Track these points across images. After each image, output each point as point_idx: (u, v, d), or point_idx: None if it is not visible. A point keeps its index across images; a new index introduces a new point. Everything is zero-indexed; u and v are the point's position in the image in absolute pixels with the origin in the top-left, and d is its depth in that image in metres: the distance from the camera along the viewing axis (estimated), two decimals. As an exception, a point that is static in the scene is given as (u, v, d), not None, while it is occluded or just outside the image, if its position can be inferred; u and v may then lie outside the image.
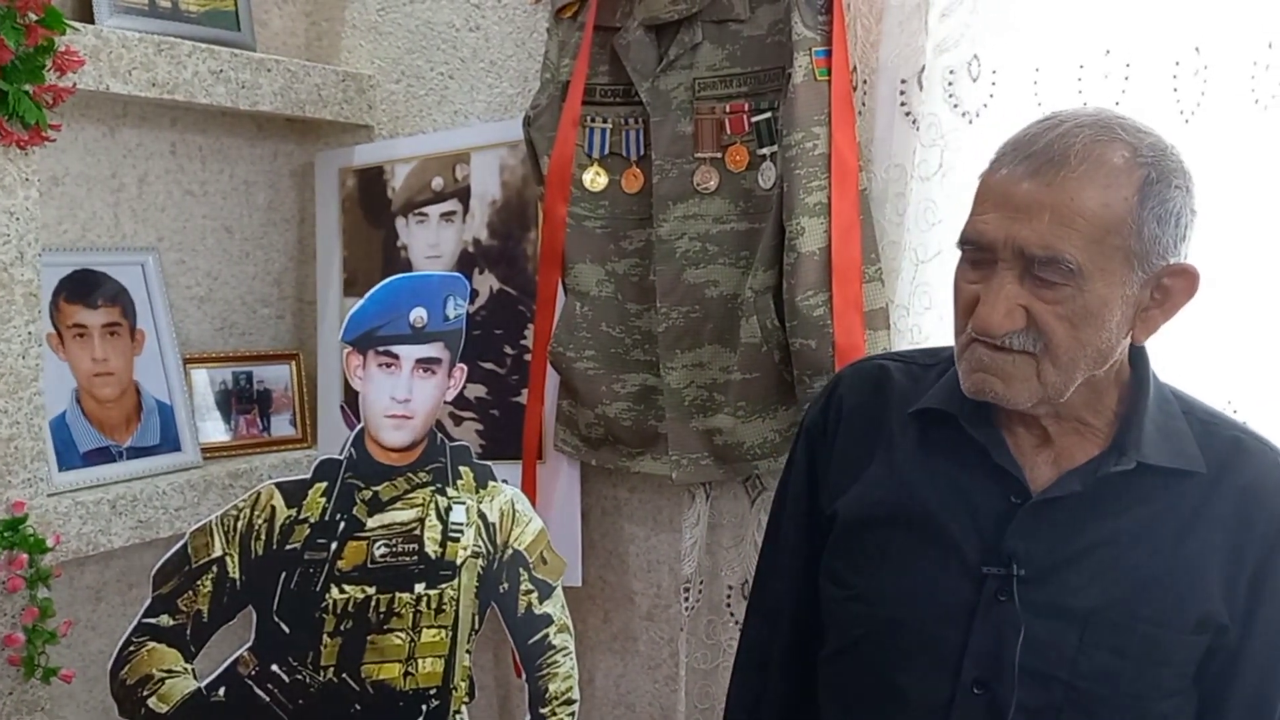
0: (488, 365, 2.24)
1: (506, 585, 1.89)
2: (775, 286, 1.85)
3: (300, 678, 1.79)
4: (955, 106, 1.75)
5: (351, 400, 2.32)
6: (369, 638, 1.81)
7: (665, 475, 2.02)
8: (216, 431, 2.32)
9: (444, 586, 1.84)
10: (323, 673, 1.80)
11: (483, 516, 1.88)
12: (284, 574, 1.78)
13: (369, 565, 1.80)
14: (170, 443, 2.19)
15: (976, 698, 1.29)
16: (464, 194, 2.26)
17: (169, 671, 1.74)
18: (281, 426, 2.42)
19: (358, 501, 1.81)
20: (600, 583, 2.27)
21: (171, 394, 2.21)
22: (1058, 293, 1.20)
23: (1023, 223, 1.19)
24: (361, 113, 2.41)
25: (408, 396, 1.81)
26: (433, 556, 1.83)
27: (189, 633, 1.75)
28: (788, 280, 1.81)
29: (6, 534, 1.80)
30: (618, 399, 2.03)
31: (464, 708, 1.88)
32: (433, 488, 1.85)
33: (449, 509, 1.85)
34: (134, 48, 1.98)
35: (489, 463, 1.91)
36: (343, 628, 1.80)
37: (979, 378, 1.26)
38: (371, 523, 1.81)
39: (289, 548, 1.78)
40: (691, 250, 1.94)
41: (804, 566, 1.48)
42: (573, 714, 1.92)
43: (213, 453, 2.28)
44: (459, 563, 1.85)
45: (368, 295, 1.80)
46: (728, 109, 1.90)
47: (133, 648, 1.73)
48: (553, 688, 1.90)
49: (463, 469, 1.87)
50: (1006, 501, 1.31)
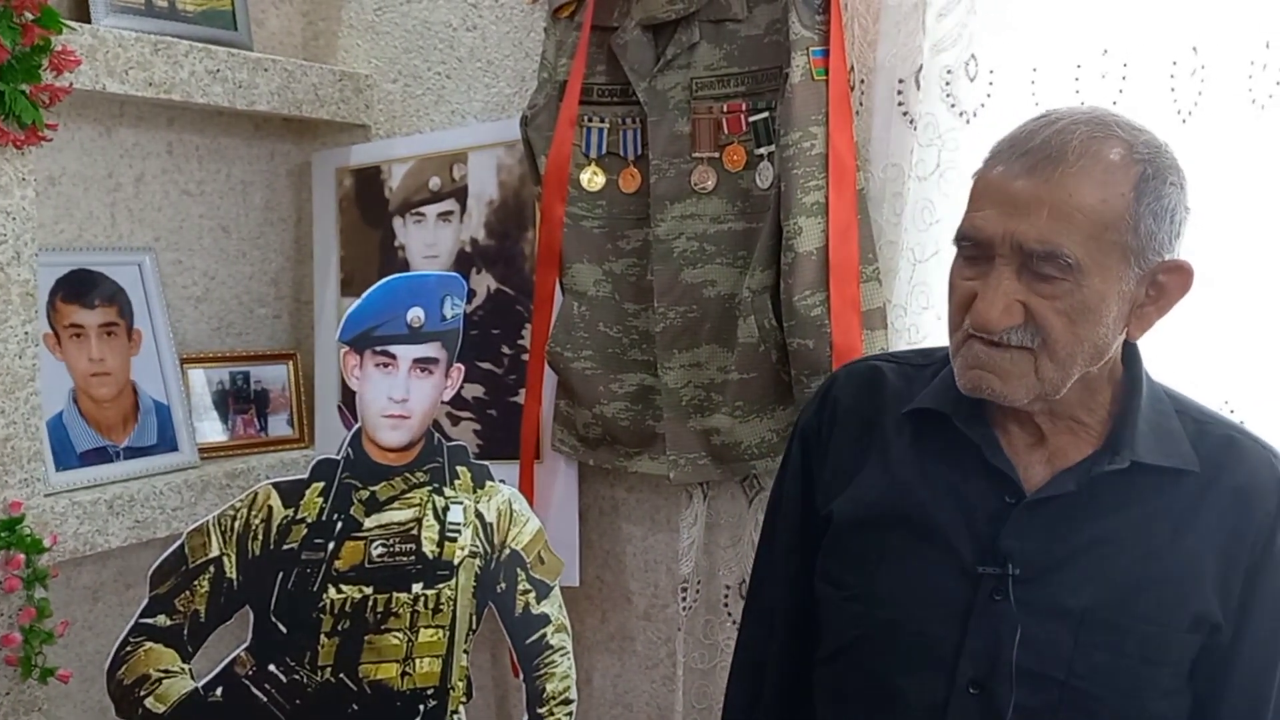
0: (485, 365, 2.23)
1: (504, 585, 1.89)
2: (773, 286, 1.85)
3: (297, 678, 1.79)
4: (953, 106, 1.75)
5: (349, 400, 2.32)
6: (366, 638, 1.81)
7: (663, 475, 2.02)
8: (213, 431, 2.32)
9: (441, 586, 1.84)
10: (320, 673, 1.79)
11: (480, 516, 1.88)
12: (281, 574, 1.78)
13: (366, 565, 1.80)
14: (167, 443, 2.19)
15: (972, 698, 1.29)
16: (461, 194, 2.26)
17: (166, 672, 1.74)
18: (279, 426, 2.42)
19: (355, 501, 1.81)
20: (598, 582, 2.27)
21: (168, 394, 2.21)
22: (1055, 288, 1.20)
23: (1020, 218, 1.19)
24: (358, 112, 2.40)
25: (405, 396, 1.81)
26: (430, 556, 1.83)
27: (186, 633, 1.75)
28: (785, 280, 1.81)
29: (3, 534, 1.80)
30: (615, 399, 2.03)
31: (461, 708, 1.88)
32: (430, 488, 1.84)
33: (446, 509, 1.85)
34: (130, 47, 1.98)
35: (486, 462, 1.91)
36: (340, 628, 1.80)
37: (976, 375, 1.26)
38: (369, 523, 1.81)
39: (286, 548, 1.78)
40: (689, 250, 1.94)
41: (799, 568, 1.48)
42: (570, 714, 1.92)
43: (210, 453, 2.28)
44: (456, 563, 1.85)
45: (365, 295, 1.80)
46: (725, 109, 1.90)
47: (130, 648, 1.73)
48: (550, 687, 1.90)
49: (460, 469, 1.87)
50: (1001, 501, 1.31)
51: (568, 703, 1.91)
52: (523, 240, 2.20)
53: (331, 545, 1.79)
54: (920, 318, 1.82)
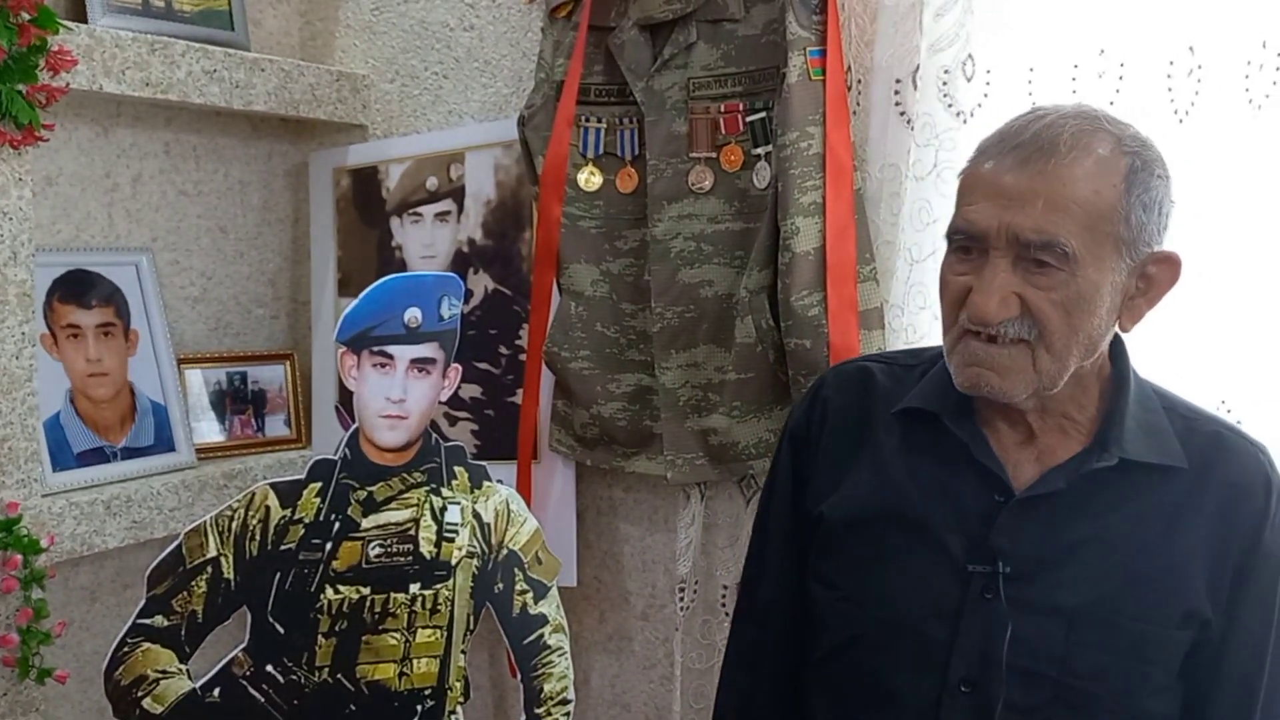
0: (482, 365, 2.23)
1: (501, 585, 1.89)
2: (770, 286, 1.85)
3: (295, 678, 1.79)
4: (950, 106, 1.75)
5: (346, 400, 2.31)
6: (364, 638, 1.81)
7: (660, 475, 2.02)
8: (211, 432, 2.32)
9: (439, 587, 1.84)
10: (318, 673, 1.79)
11: (478, 516, 1.88)
12: (279, 574, 1.78)
13: (364, 565, 1.80)
14: (165, 443, 2.19)
15: (964, 696, 1.29)
16: (459, 194, 2.25)
17: (164, 672, 1.74)
18: (276, 427, 2.42)
19: (352, 502, 1.81)
20: (595, 583, 2.27)
21: (166, 394, 2.21)
22: (1052, 278, 1.21)
23: (1016, 210, 1.21)
24: (356, 112, 2.40)
25: (402, 397, 1.81)
26: (428, 557, 1.83)
27: (184, 633, 1.75)
28: (783, 280, 1.81)
29: (1, 535, 1.80)
30: (613, 399, 2.03)
31: (459, 708, 1.88)
32: (428, 488, 1.84)
33: (444, 509, 1.85)
34: (128, 47, 1.97)
35: (484, 463, 1.91)
36: (338, 628, 1.80)
37: (974, 372, 1.26)
38: (366, 523, 1.81)
39: (284, 548, 1.78)
40: (686, 250, 1.94)
41: (791, 569, 1.48)
42: (568, 714, 1.92)
43: (207, 453, 2.28)
44: (454, 563, 1.85)
45: (362, 295, 1.80)
46: (722, 109, 1.90)
47: (127, 648, 1.73)
48: (548, 688, 1.90)
49: (458, 469, 1.87)
50: (991, 499, 1.31)
51: (565, 703, 1.91)
52: (520, 240, 2.20)
53: (329, 546, 1.79)
54: (917, 318, 1.82)
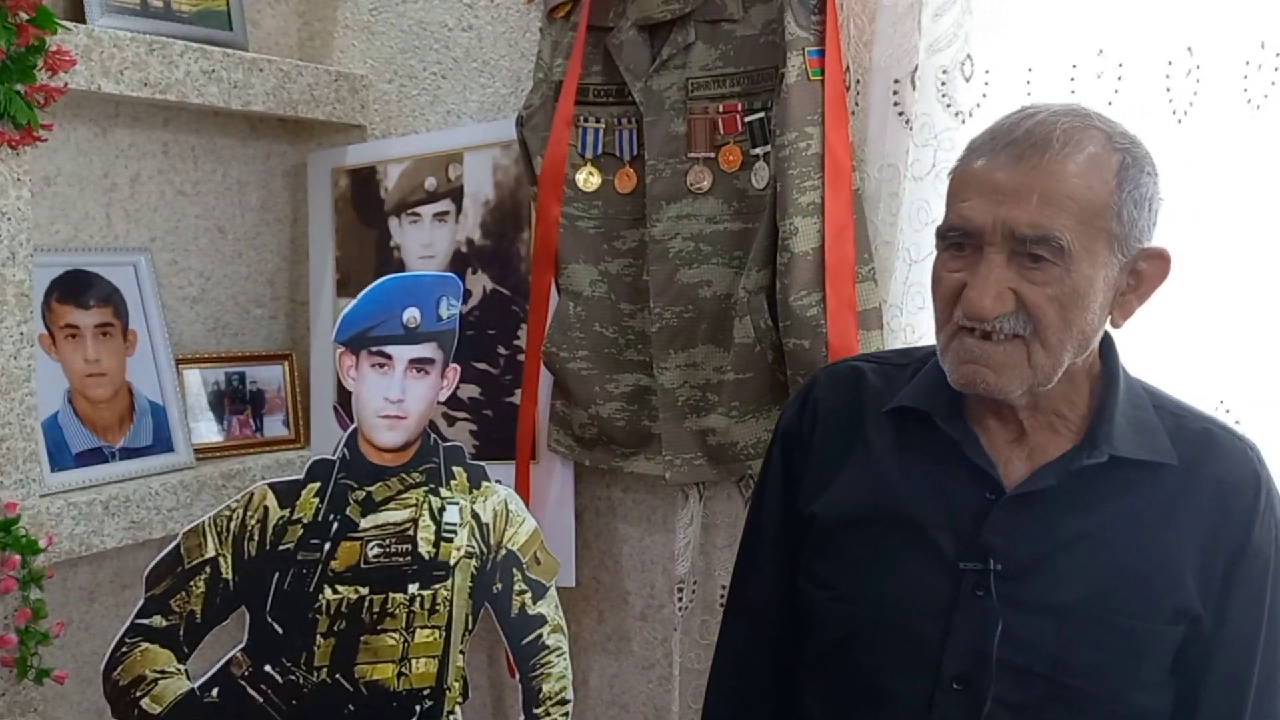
0: (481, 365, 2.23)
1: (500, 585, 1.89)
2: (769, 286, 1.85)
3: (294, 678, 1.79)
4: (948, 106, 1.75)
5: (345, 401, 2.31)
6: (362, 638, 1.81)
7: (659, 475, 2.02)
8: (209, 432, 2.32)
9: (437, 587, 1.84)
10: (316, 673, 1.79)
11: (476, 517, 1.87)
12: (277, 574, 1.78)
13: (362, 566, 1.80)
14: (163, 443, 2.19)
15: (957, 693, 1.29)
16: (457, 194, 2.25)
17: (162, 672, 1.74)
18: (274, 427, 2.42)
19: (351, 502, 1.80)
20: (594, 583, 2.27)
21: (164, 395, 2.21)
22: (1047, 273, 1.21)
23: (1010, 205, 1.21)
24: (354, 113, 2.40)
25: (401, 397, 1.81)
26: (426, 557, 1.83)
27: (182, 633, 1.75)
28: (781, 280, 1.81)
29: (-1, 535, 1.80)
30: (611, 399, 2.03)
31: (458, 708, 1.88)
32: (426, 488, 1.84)
33: (442, 509, 1.85)
34: (126, 47, 1.97)
35: (482, 463, 1.91)
36: (336, 628, 1.80)
37: (969, 369, 1.27)
38: (365, 523, 1.81)
39: (282, 548, 1.78)
40: (685, 250, 1.94)
41: (782, 568, 1.48)
42: (566, 714, 1.92)
43: (205, 453, 2.28)
44: (452, 563, 1.85)
45: (361, 295, 1.79)
46: (721, 109, 1.90)
47: (126, 648, 1.73)
48: (546, 688, 1.90)
49: (456, 469, 1.87)
50: (982, 497, 1.32)
51: (564, 703, 1.91)
52: (518, 240, 2.20)
53: (327, 546, 1.79)
54: (916, 318, 1.82)
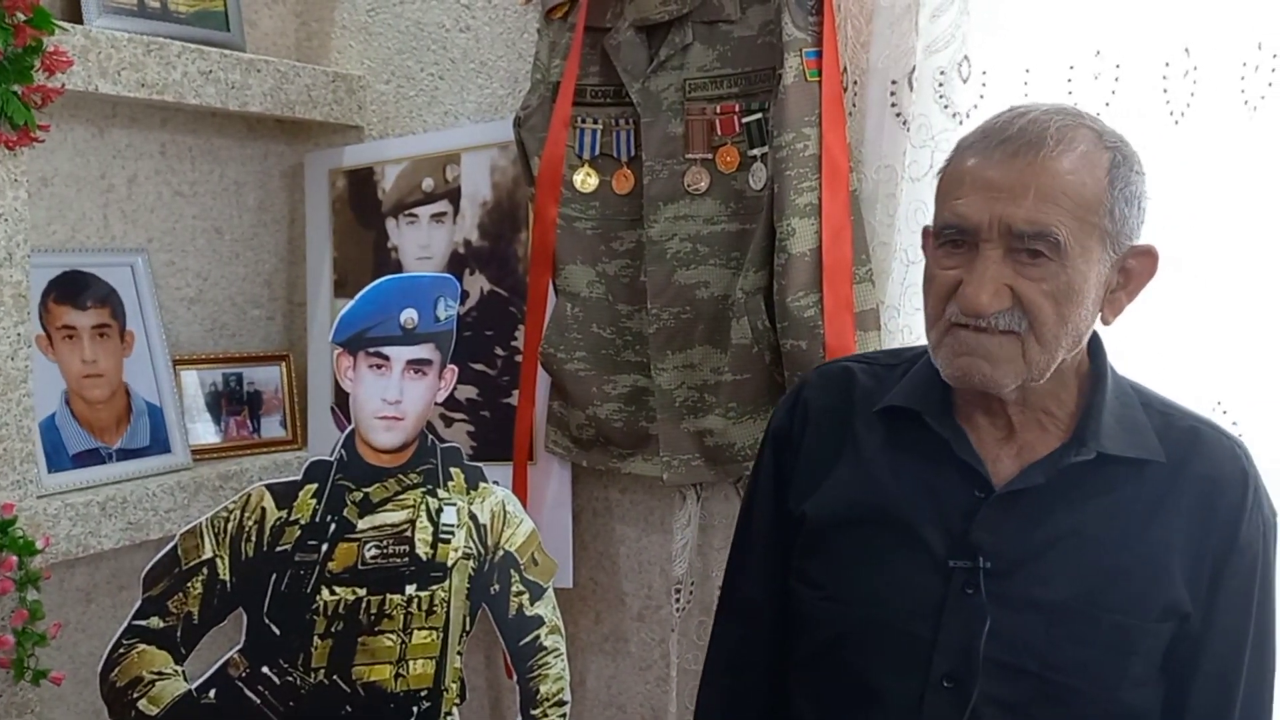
0: (478, 366, 2.23)
1: (498, 587, 1.89)
2: (766, 288, 1.85)
3: (291, 679, 1.79)
4: (946, 107, 1.75)
5: (342, 402, 2.31)
6: (360, 639, 1.81)
7: (656, 476, 2.02)
8: (206, 433, 2.32)
9: (435, 588, 1.84)
10: (313, 674, 1.79)
11: (474, 518, 1.87)
12: (274, 576, 1.78)
13: (360, 567, 1.80)
14: (160, 444, 2.18)
15: (948, 691, 1.29)
16: (454, 195, 2.25)
17: (159, 674, 1.74)
18: (272, 428, 2.42)
19: (348, 503, 1.80)
20: (591, 584, 2.27)
21: (161, 395, 2.20)
22: (1043, 269, 1.22)
23: (1006, 201, 1.21)
24: (352, 113, 2.40)
25: (398, 398, 1.81)
26: (423, 558, 1.83)
27: (179, 635, 1.75)
28: (779, 281, 1.81)
29: (-4, 536, 1.80)
30: (608, 400, 2.03)
31: (455, 709, 1.88)
32: (423, 489, 1.84)
33: (440, 510, 1.85)
34: (123, 48, 1.97)
35: (480, 464, 1.91)
36: (333, 629, 1.79)
37: (965, 362, 1.26)
38: (362, 524, 1.81)
39: (279, 549, 1.78)
40: (682, 251, 1.94)
41: (774, 569, 1.48)
42: (564, 715, 1.92)
43: (203, 454, 2.27)
44: (450, 564, 1.85)
45: (358, 296, 1.79)
46: (718, 110, 1.90)
47: (123, 650, 1.73)
48: (544, 689, 1.90)
49: (454, 470, 1.87)
50: (971, 495, 1.32)
51: (561, 704, 1.91)
52: (516, 241, 2.20)
53: (325, 547, 1.79)
54: (914, 319, 1.82)
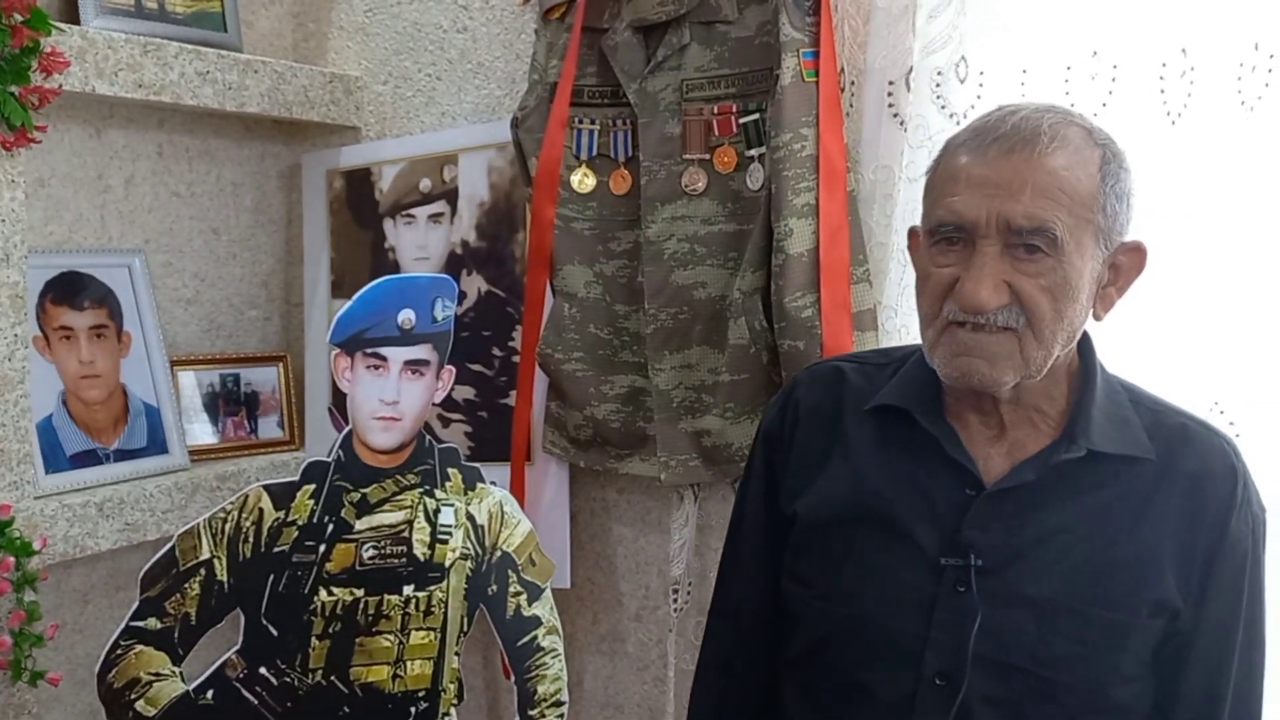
0: (476, 367, 2.23)
1: (495, 587, 1.89)
2: (764, 288, 1.85)
3: (288, 680, 1.78)
4: (943, 108, 1.75)
5: (339, 402, 2.32)
6: (357, 640, 1.81)
7: (654, 477, 2.02)
8: (204, 434, 2.32)
9: (432, 588, 1.84)
10: (311, 675, 1.79)
11: (471, 518, 1.87)
12: (272, 576, 1.78)
13: (357, 567, 1.80)
14: (157, 445, 2.18)
15: (939, 689, 1.30)
16: (452, 195, 2.25)
17: (157, 674, 1.74)
18: (269, 429, 2.42)
19: (346, 504, 1.80)
20: (589, 584, 2.27)
21: (158, 396, 2.20)
22: (1040, 265, 1.22)
23: (1004, 197, 1.22)
24: (349, 114, 2.40)
25: (396, 398, 1.81)
26: (421, 558, 1.83)
27: (177, 635, 1.75)
28: (776, 282, 1.81)
29: (-7, 537, 1.80)
30: (606, 400, 2.03)
31: (453, 710, 1.88)
32: (421, 490, 1.84)
33: (437, 511, 1.85)
34: (120, 49, 1.97)
35: (477, 464, 1.91)
36: (331, 630, 1.79)
37: (963, 362, 1.27)
38: (360, 525, 1.81)
39: (277, 550, 1.78)
40: (680, 252, 1.94)
41: (765, 570, 1.49)
42: (561, 715, 1.91)
43: (200, 455, 2.27)
44: (447, 565, 1.85)
45: (355, 297, 1.79)
46: (715, 110, 1.90)
47: (120, 651, 1.73)
48: (542, 689, 1.90)
49: (451, 471, 1.87)
50: (962, 493, 1.32)
51: (559, 705, 1.91)
52: (513, 242, 2.20)
53: (322, 548, 1.79)
54: (911, 319, 1.82)
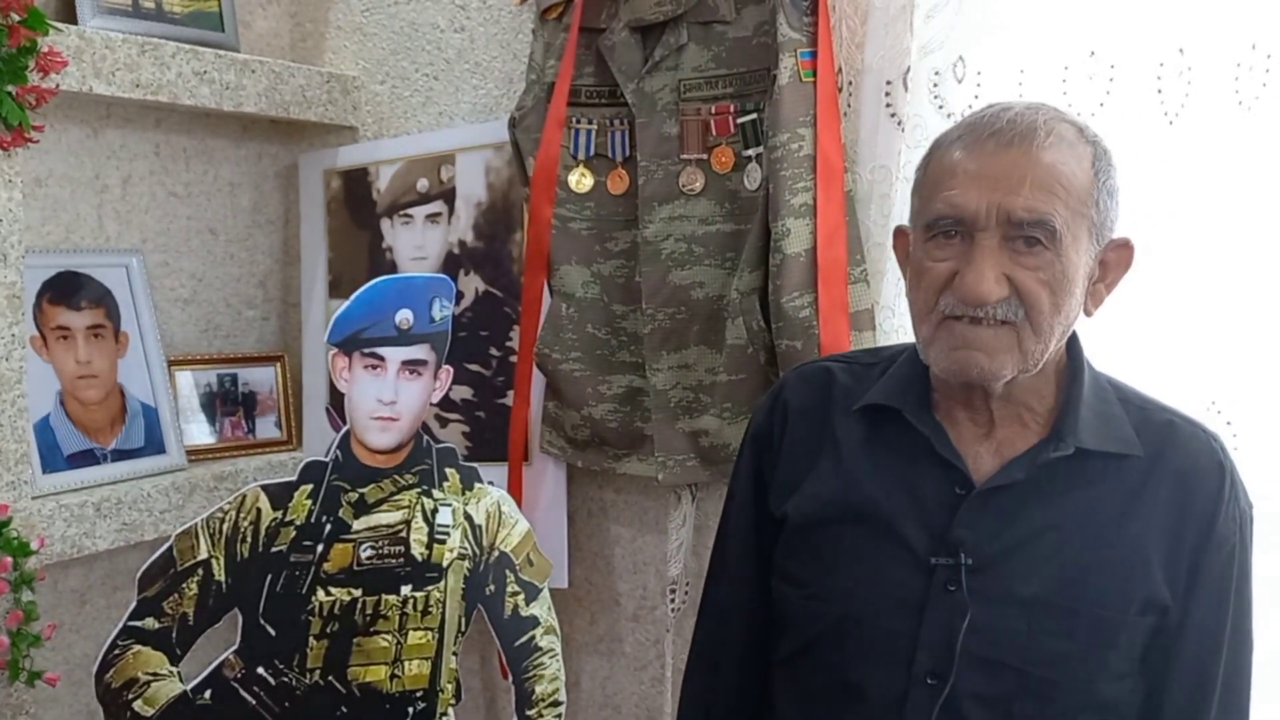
0: (473, 367, 2.23)
1: (493, 587, 1.89)
2: (761, 288, 1.85)
3: (286, 680, 1.78)
4: (940, 108, 1.75)
5: (337, 402, 2.32)
6: (355, 640, 1.81)
7: (651, 477, 2.02)
8: (201, 434, 2.31)
9: (430, 589, 1.84)
10: (309, 675, 1.79)
11: (469, 518, 1.87)
12: (270, 576, 1.78)
13: (355, 567, 1.80)
14: (155, 445, 2.18)
15: (930, 688, 1.30)
16: (449, 195, 2.25)
17: (154, 675, 1.74)
18: (266, 429, 2.42)
19: (344, 504, 1.80)
20: (587, 584, 2.27)
21: (156, 396, 2.20)
22: (1039, 258, 1.22)
23: (1004, 191, 1.22)
24: (346, 114, 2.40)
25: (393, 398, 1.81)
26: (419, 559, 1.83)
27: (174, 636, 1.75)
28: (773, 282, 1.81)
29: (-10, 537, 1.79)
30: (603, 400, 2.03)
31: (450, 710, 1.88)
32: (419, 490, 1.84)
33: (435, 511, 1.85)
34: (117, 49, 1.97)
35: (475, 465, 1.91)
36: (329, 630, 1.79)
37: (962, 355, 1.26)
38: (357, 525, 1.81)
39: (275, 550, 1.78)
40: (677, 252, 1.94)
41: (754, 569, 1.48)
42: (559, 715, 1.92)
43: (198, 455, 2.27)
44: (445, 565, 1.85)
45: (353, 297, 1.79)
46: (713, 110, 1.90)
47: (118, 651, 1.73)
48: (539, 689, 1.90)
49: (449, 471, 1.87)
50: (952, 492, 1.32)
51: (557, 704, 1.91)
52: (511, 242, 2.20)
53: (320, 547, 1.79)
54: (908, 319, 1.82)
